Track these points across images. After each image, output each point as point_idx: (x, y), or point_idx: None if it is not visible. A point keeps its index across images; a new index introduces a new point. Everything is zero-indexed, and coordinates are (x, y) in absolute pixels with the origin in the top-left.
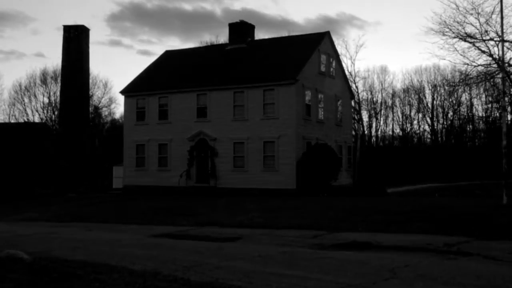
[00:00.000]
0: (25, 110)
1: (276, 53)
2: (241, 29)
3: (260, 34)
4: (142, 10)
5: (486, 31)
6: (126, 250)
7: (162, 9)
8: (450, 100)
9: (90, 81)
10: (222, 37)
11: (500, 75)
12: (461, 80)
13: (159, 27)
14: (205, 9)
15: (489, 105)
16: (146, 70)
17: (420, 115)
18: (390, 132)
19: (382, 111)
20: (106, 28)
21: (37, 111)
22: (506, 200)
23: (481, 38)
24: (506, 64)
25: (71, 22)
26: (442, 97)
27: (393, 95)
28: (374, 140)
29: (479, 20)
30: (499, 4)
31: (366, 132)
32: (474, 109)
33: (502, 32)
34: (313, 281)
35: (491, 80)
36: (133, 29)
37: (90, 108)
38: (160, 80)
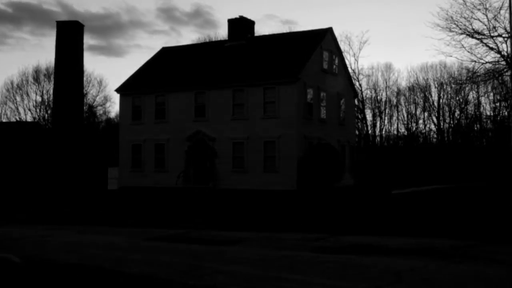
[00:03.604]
0: (17, 109)
1: (277, 50)
2: (240, 25)
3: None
4: None
5: (494, 27)
6: (122, 254)
7: None
8: (457, 98)
9: (85, 78)
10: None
11: (509, 73)
12: (468, 78)
13: None
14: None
15: (497, 104)
16: (142, 68)
17: (426, 114)
18: (395, 132)
19: (387, 110)
20: None
21: (29, 110)
22: None
23: (489, 34)
24: None
25: None
26: (449, 96)
27: (398, 93)
28: (378, 139)
29: (487, 16)
30: None
31: (370, 131)
32: (481, 108)
33: (511, 28)
34: (315, 285)
35: (500, 77)
36: None
37: (85, 107)
38: (156, 78)
